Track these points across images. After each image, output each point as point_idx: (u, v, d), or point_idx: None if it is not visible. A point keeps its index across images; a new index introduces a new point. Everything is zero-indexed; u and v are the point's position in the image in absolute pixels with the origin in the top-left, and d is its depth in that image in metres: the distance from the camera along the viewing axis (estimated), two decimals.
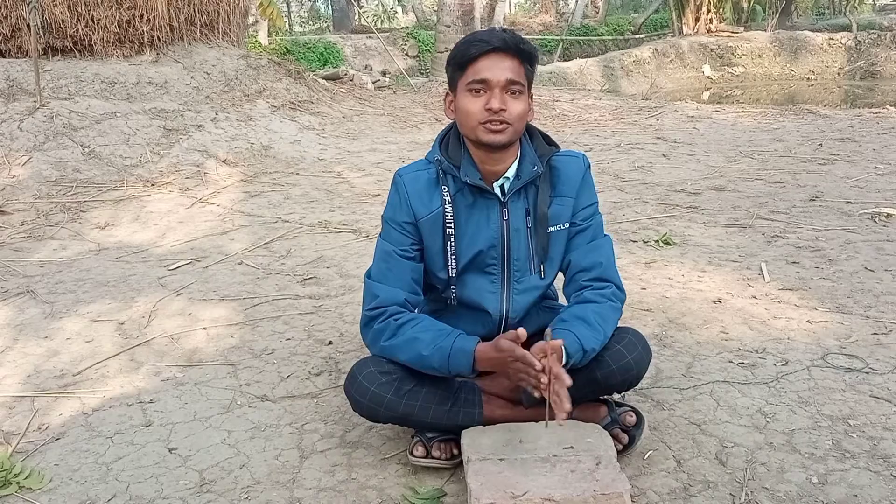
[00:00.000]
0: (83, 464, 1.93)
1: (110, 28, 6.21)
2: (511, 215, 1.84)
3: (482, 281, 1.88)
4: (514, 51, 1.72)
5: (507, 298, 1.89)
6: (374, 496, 1.75)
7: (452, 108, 1.81)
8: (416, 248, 1.85)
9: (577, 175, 1.87)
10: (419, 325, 1.78)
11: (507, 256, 1.86)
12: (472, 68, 1.72)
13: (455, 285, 1.89)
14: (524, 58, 1.74)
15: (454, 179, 1.82)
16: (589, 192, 1.90)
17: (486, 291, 1.89)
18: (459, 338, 1.73)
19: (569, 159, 1.89)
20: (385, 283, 1.84)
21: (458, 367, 1.71)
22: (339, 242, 3.77)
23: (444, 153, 1.84)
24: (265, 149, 5.86)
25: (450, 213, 1.82)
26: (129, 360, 2.53)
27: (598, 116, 7.81)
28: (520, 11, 24.03)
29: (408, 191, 1.83)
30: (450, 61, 1.78)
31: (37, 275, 3.42)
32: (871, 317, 2.63)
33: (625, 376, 1.82)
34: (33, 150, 5.08)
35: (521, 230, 1.85)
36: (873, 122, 6.92)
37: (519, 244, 1.85)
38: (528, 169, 1.82)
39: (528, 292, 1.90)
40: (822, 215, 3.92)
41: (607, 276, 1.87)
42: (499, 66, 1.70)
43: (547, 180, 1.85)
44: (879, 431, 1.92)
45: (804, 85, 13.53)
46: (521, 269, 1.88)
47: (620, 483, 1.55)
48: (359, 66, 12.65)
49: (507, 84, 1.71)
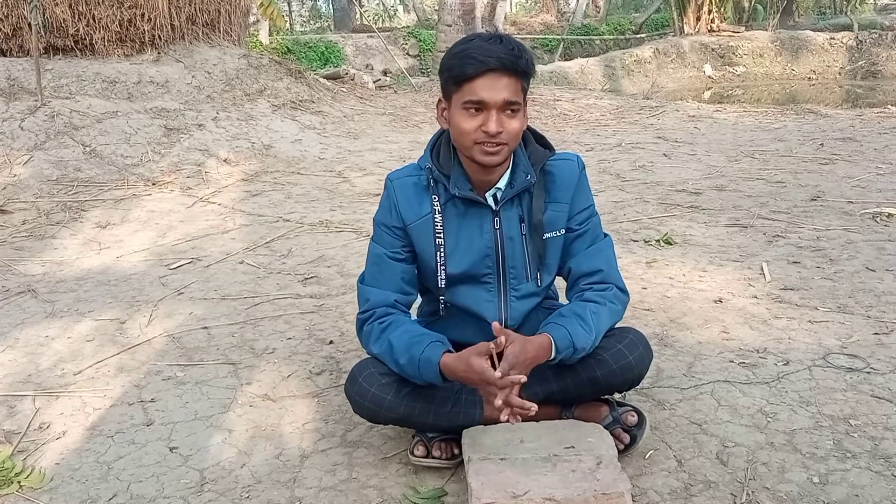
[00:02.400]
0: (84, 463, 1.93)
1: (111, 27, 6.21)
2: (504, 224, 1.81)
3: (478, 290, 1.86)
4: (512, 69, 1.66)
5: (506, 307, 1.87)
6: (375, 496, 1.75)
7: (445, 116, 1.76)
8: (406, 250, 1.84)
9: (571, 179, 1.84)
10: (398, 329, 1.76)
11: (502, 265, 1.84)
12: (468, 86, 1.65)
13: (444, 295, 1.87)
14: (521, 75, 1.68)
15: (445, 188, 1.79)
16: (584, 195, 1.87)
17: (482, 300, 1.87)
18: (429, 346, 1.69)
19: (563, 163, 1.86)
20: (376, 287, 1.83)
21: (429, 378, 1.69)
22: (340, 242, 3.77)
23: (434, 161, 1.80)
24: (266, 148, 5.86)
25: (439, 222, 1.80)
26: (129, 360, 2.53)
27: (599, 116, 7.81)
28: (521, 11, 24.02)
29: (397, 196, 1.81)
30: (444, 71, 1.72)
31: (38, 274, 3.43)
32: (872, 317, 2.63)
33: (626, 376, 1.82)
34: (34, 149, 5.08)
35: (516, 238, 1.82)
36: (875, 121, 6.91)
37: (514, 252, 1.83)
38: (521, 178, 1.79)
39: (527, 299, 1.89)
40: (823, 215, 3.91)
41: (609, 280, 1.85)
42: (496, 86, 1.64)
43: (541, 186, 1.82)
44: (881, 431, 1.92)
45: (805, 84, 13.51)
46: (518, 277, 1.85)
47: (621, 483, 1.55)
48: (360, 66, 12.66)
49: (504, 105, 1.66)
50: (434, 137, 1.87)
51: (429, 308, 1.99)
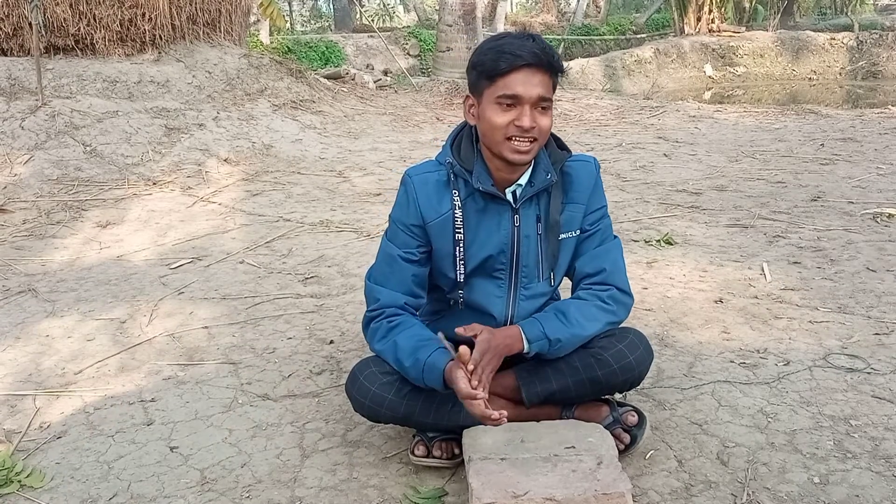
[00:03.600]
0: (84, 462, 1.93)
1: (112, 27, 6.21)
2: (522, 222, 1.81)
3: (489, 285, 1.87)
4: (546, 66, 1.67)
5: (514, 304, 1.88)
6: (376, 495, 1.75)
7: (474, 113, 1.76)
8: (421, 251, 1.83)
9: (588, 180, 1.85)
10: (406, 331, 1.77)
11: (516, 262, 1.84)
12: (502, 81, 1.66)
13: (463, 289, 1.87)
14: (553, 73, 1.69)
15: (465, 183, 1.79)
16: (599, 196, 1.88)
17: (492, 296, 1.87)
18: (436, 352, 1.70)
19: (581, 164, 1.86)
20: (386, 287, 1.83)
21: (432, 383, 1.70)
22: (341, 241, 3.77)
23: (455, 156, 1.80)
24: (266, 148, 5.86)
25: (459, 217, 1.79)
26: (130, 359, 2.53)
27: (600, 116, 7.80)
28: (521, 11, 24.02)
29: (417, 193, 1.79)
30: (475, 67, 1.71)
31: (38, 273, 3.43)
32: (872, 317, 2.63)
33: (626, 376, 1.82)
34: (35, 148, 5.09)
35: (532, 237, 1.83)
36: (875, 122, 6.91)
37: (529, 250, 1.83)
38: (541, 177, 1.79)
39: (535, 298, 1.89)
40: (823, 215, 3.91)
41: (611, 281, 1.84)
42: (531, 81, 1.65)
43: (559, 187, 1.82)
44: (881, 432, 1.92)
45: (806, 85, 13.52)
46: (529, 276, 1.86)
47: (622, 483, 1.55)
48: (360, 66, 12.66)
49: (538, 100, 1.67)
50: (454, 133, 1.86)
51: (432, 308, 1.99)
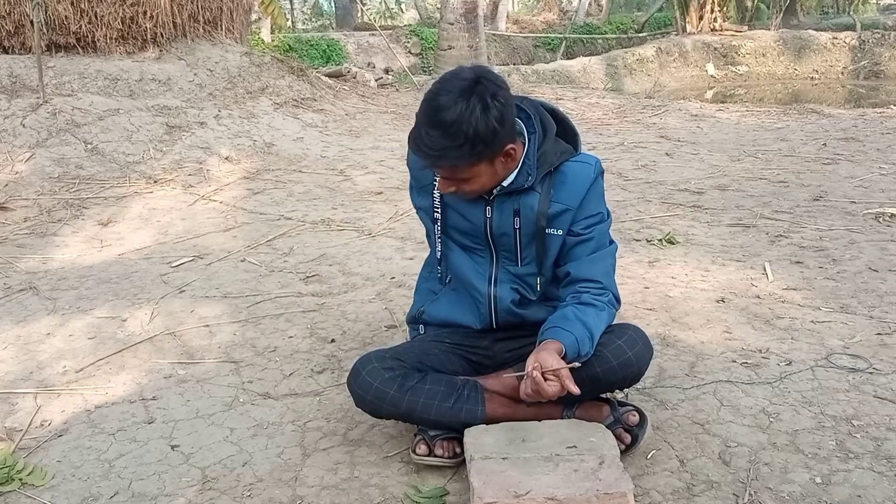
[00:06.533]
0: (85, 460, 1.93)
1: (113, 25, 6.20)
2: (495, 214, 1.85)
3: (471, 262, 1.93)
4: (433, 165, 1.75)
5: (496, 283, 1.91)
6: (377, 494, 1.75)
7: None
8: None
9: (582, 183, 1.84)
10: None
11: (494, 247, 1.90)
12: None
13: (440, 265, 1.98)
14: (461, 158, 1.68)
15: None
16: (595, 201, 1.86)
17: (475, 272, 1.93)
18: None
19: (579, 166, 1.85)
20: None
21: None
22: (342, 240, 3.77)
23: None
24: (268, 146, 5.85)
25: (437, 197, 1.90)
26: (131, 357, 2.53)
27: (602, 115, 7.79)
28: (523, 9, 24.01)
29: (410, 165, 1.99)
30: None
31: (39, 271, 3.43)
32: (874, 317, 2.63)
33: (626, 372, 1.82)
34: (36, 146, 5.08)
35: (508, 229, 1.86)
36: (877, 121, 6.90)
37: (506, 241, 1.88)
38: (520, 179, 1.81)
39: (518, 280, 1.92)
40: (826, 215, 3.91)
41: (605, 289, 1.87)
42: (437, 170, 1.78)
43: (549, 184, 1.83)
44: (883, 432, 1.92)
45: (808, 84, 13.48)
46: (511, 259, 1.91)
47: (623, 483, 1.55)
48: (362, 64, 12.63)
49: (450, 182, 1.76)
50: None
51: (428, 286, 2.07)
